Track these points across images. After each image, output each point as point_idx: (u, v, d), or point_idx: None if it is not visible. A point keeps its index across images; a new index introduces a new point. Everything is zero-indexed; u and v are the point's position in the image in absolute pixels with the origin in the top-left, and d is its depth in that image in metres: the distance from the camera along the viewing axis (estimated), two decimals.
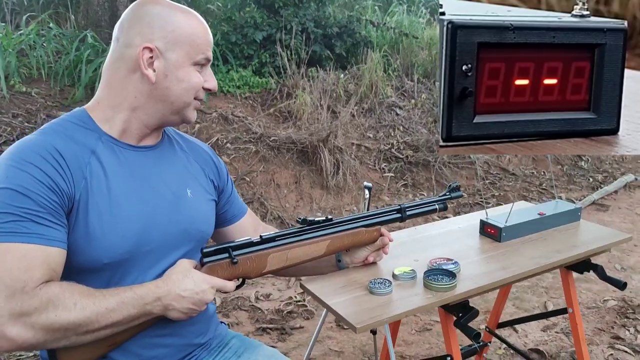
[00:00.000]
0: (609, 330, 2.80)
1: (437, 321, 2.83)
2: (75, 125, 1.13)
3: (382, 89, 5.34)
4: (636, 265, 3.53)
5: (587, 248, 1.72)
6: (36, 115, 3.95)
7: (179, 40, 1.13)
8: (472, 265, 1.58)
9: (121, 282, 1.12)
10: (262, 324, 2.76)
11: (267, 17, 5.35)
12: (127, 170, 1.15)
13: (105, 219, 1.08)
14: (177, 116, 1.19)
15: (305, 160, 4.33)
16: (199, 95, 1.19)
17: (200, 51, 1.15)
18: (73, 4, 5.39)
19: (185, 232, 1.23)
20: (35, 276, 0.98)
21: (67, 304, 1.00)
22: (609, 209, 4.56)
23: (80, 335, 1.03)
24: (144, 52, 1.11)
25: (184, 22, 1.14)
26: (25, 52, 4.44)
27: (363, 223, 1.44)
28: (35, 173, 1.01)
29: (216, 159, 1.41)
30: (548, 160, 5.27)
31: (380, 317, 1.29)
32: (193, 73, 1.16)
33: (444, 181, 4.71)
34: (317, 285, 1.43)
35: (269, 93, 4.97)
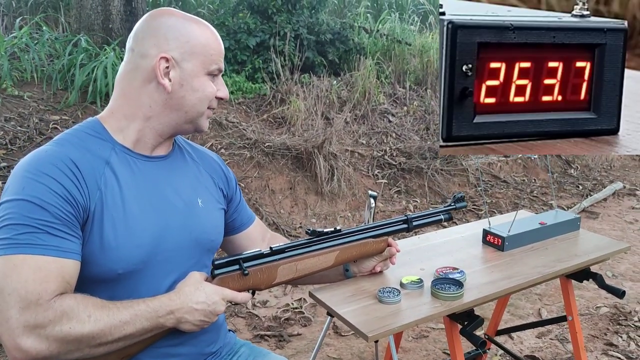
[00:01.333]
0: (602, 337, 2.84)
1: (433, 328, 2.85)
2: (90, 135, 1.14)
3: (375, 96, 5.37)
4: (627, 272, 3.59)
5: (587, 257, 1.74)
6: (29, 119, 3.92)
7: (194, 50, 1.14)
8: (477, 274, 1.60)
9: (135, 292, 1.13)
10: (259, 331, 2.76)
11: (261, 23, 5.36)
12: (140, 180, 1.16)
13: (119, 230, 1.09)
14: (190, 125, 1.21)
15: (300, 166, 4.33)
16: (212, 105, 1.21)
17: (213, 61, 1.17)
18: (64, 7, 5.36)
19: (197, 242, 1.24)
20: (50, 288, 0.99)
21: (81, 316, 1.00)
22: (598, 217, 4.62)
23: (93, 347, 1.03)
24: (161, 62, 1.12)
25: (198, 33, 1.15)
26: (17, 55, 4.40)
27: (371, 234, 1.45)
28: (51, 184, 1.02)
29: (225, 168, 1.43)
30: (538, 168, 5.33)
31: (391, 326, 1.30)
32: (207, 83, 1.18)
33: (437, 188, 4.74)
34: (327, 295, 1.44)
35: (263, 99, 4.98)
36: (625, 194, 5.24)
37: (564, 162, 5.75)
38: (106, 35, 4.82)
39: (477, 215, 4.50)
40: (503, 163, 5.29)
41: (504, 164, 5.29)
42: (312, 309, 3.02)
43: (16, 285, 0.96)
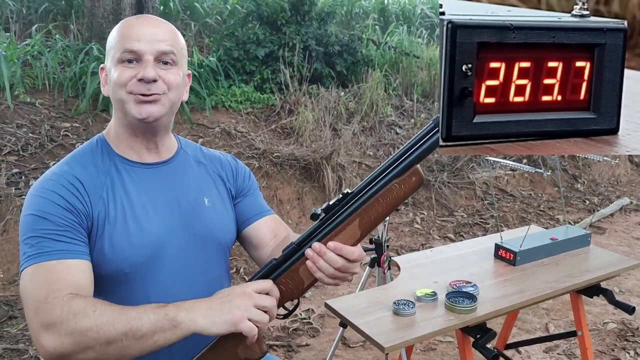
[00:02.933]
0: (610, 353, 2.83)
1: (441, 341, 2.85)
2: (93, 152, 1.23)
3: (383, 108, 5.40)
4: (634, 288, 3.58)
5: (598, 273, 1.76)
6: (40, 125, 3.95)
7: (109, 48, 1.19)
8: (489, 288, 1.61)
9: (145, 291, 1.17)
10: (268, 341, 2.77)
11: (270, 34, 5.40)
12: (140, 186, 1.21)
13: (123, 233, 1.15)
14: (128, 117, 1.18)
15: (308, 177, 4.35)
16: (131, 89, 1.15)
17: (120, 48, 1.15)
18: (74, 16, 5.41)
19: (204, 240, 1.26)
20: (58, 287, 1.04)
21: (87, 311, 1.02)
22: (605, 232, 4.62)
23: (104, 344, 1.01)
24: (102, 72, 1.22)
25: (116, 30, 1.18)
26: (30, 63, 4.45)
27: (392, 173, 1.06)
28: (53, 198, 1.11)
29: (235, 164, 1.42)
30: (545, 182, 5.33)
31: (407, 338, 1.31)
32: (118, 70, 1.15)
33: (444, 201, 4.75)
34: (342, 305, 1.45)
35: (271, 109, 5.01)
36: (632, 209, 5.24)
37: (571, 176, 5.75)
38: None
39: (484, 228, 4.50)
40: (510, 177, 5.30)
41: (511, 177, 5.30)
42: (320, 320, 3.03)
43: (31, 292, 1.04)
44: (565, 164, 5.81)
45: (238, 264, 3.55)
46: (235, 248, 3.63)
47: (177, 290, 1.20)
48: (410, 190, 1.07)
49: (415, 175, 1.05)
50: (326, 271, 1.06)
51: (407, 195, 1.08)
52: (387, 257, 2.07)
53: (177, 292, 1.19)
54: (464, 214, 4.71)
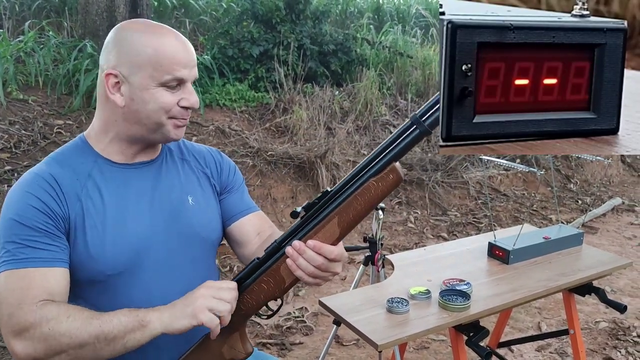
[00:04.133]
0: (601, 352, 2.85)
1: (434, 339, 2.86)
2: (74, 152, 1.21)
3: (377, 107, 5.41)
4: (625, 287, 3.61)
5: (591, 272, 1.77)
6: (33, 123, 3.93)
7: (142, 63, 1.12)
8: (482, 286, 1.62)
9: (128, 294, 1.17)
10: (261, 339, 2.77)
11: (264, 32, 5.40)
12: (122, 187, 1.20)
13: (102, 235, 1.15)
14: (157, 135, 1.19)
15: (302, 175, 4.36)
16: (174, 114, 1.17)
17: (165, 72, 1.13)
18: (67, 12, 5.38)
19: (187, 239, 1.26)
20: (32, 294, 1.06)
21: (60, 317, 1.05)
22: (597, 232, 4.65)
23: (76, 348, 1.04)
24: (109, 78, 1.14)
25: (149, 45, 1.13)
26: (22, 60, 4.42)
27: (370, 172, 1.05)
28: (30, 201, 1.11)
29: (220, 159, 1.41)
30: (538, 182, 5.36)
31: (401, 336, 1.32)
32: (160, 94, 1.14)
33: (437, 200, 4.77)
34: (336, 303, 1.46)
35: (266, 108, 5.01)
36: (624, 209, 5.27)
37: (564, 176, 5.78)
38: None
39: (477, 228, 4.52)
40: (503, 176, 5.32)
41: (504, 177, 5.32)
42: (313, 318, 3.03)
43: (5, 295, 1.06)
44: (559, 164, 5.84)
45: (232, 262, 3.54)
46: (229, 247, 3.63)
47: (163, 292, 1.19)
48: (388, 188, 1.05)
49: (393, 173, 1.04)
50: (306, 269, 1.06)
51: (385, 194, 1.06)
52: (381, 255, 2.07)
53: (163, 294, 1.18)
54: (458, 214, 4.72)
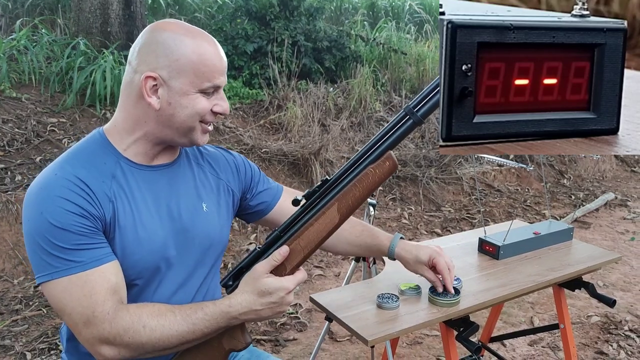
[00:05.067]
0: (593, 346, 2.88)
1: (427, 335, 2.88)
2: (95, 150, 1.17)
3: (371, 104, 5.42)
4: (617, 282, 3.63)
5: (580, 267, 1.78)
6: (26, 121, 3.93)
7: (183, 69, 1.12)
8: (472, 281, 1.63)
9: (153, 295, 1.19)
10: (255, 335, 2.78)
11: (258, 29, 5.40)
12: (145, 190, 1.19)
13: (131, 238, 1.14)
14: (185, 139, 1.20)
15: (296, 172, 4.37)
16: (206, 119, 1.18)
17: (206, 79, 1.14)
18: (60, 10, 5.37)
19: (201, 246, 1.27)
20: (100, 299, 1.07)
21: (136, 327, 1.07)
22: (590, 227, 4.68)
23: (159, 351, 1.11)
24: (147, 81, 1.12)
25: (190, 50, 1.12)
26: (16, 57, 4.41)
27: (368, 160, 1.14)
28: (65, 205, 1.07)
29: (230, 159, 1.42)
30: (531, 177, 5.38)
31: (390, 331, 1.33)
32: (198, 100, 1.15)
33: (431, 196, 4.78)
34: (327, 299, 1.47)
35: (260, 104, 5.01)
36: (617, 204, 5.30)
37: (557, 172, 5.81)
38: (104, 39, 4.84)
39: (471, 223, 4.54)
40: (497, 172, 5.34)
41: (498, 173, 5.34)
42: (307, 315, 3.05)
43: (73, 305, 1.06)
44: (552, 159, 5.86)
45: (226, 259, 3.55)
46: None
47: (179, 296, 1.22)
48: (384, 174, 1.13)
49: (389, 160, 1.12)
50: None
51: (382, 180, 1.14)
52: None
53: (179, 298, 1.21)
54: (451, 209, 4.74)
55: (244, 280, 1.15)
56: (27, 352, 2.53)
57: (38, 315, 2.82)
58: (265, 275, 1.13)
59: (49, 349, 2.57)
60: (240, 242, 3.73)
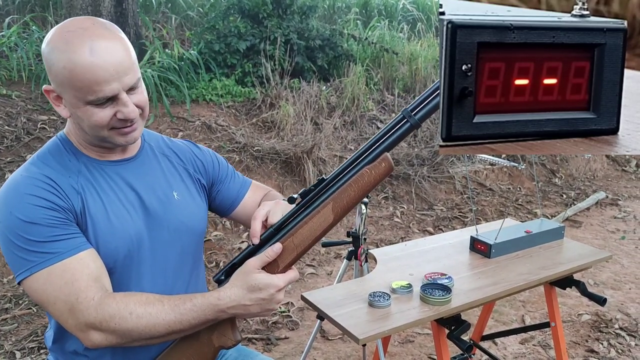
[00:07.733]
0: (584, 344, 2.89)
1: (419, 333, 2.88)
2: (58, 151, 1.19)
3: (364, 102, 5.42)
4: (608, 280, 3.65)
5: (571, 265, 1.79)
6: (16, 118, 3.90)
7: (62, 83, 1.09)
8: (464, 280, 1.63)
9: (130, 284, 1.19)
10: (247, 334, 2.77)
11: (251, 27, 5.38)
12: (113, 183, 1.20)
13: (104, 227, 1.15)
14: (107, 143, 1.19)
15: (289, 171, 4.36)
16: (114, 126, 1.14)
17: (87, 93, 1.08)
18: (51, 7, 5.33)
19: (177, 233, 1.28)
20: (82, 285, 1.07)
21: (123, 313, 1.08)
22: (581, 226, 4.70)
23: (146, 339, 1.11)
24: (48, 93, 1.14)
25: (62, 66, 1.06)
26: (5, 54, 4.38)
27: (364, 161, 1.15)
28: (35, 202, 1.09)
29: (199, 152, 1.42)
30: (523, 176, 5.40)
31: (381, 329, 1.33)
32: (90, 111, 1.10)
33: (424, 195, 4.79)
34: (318, 298, 1.46)
35: (252, 103, 4.99)
36: (608, 203, 5.33)
37: (549, 171, 5.83)
38: None
39: (463, 222, 4.55)
40: (489, 171, 5.35)
41: (490, 172, 5.36)
42: (299, 313, 3.04)
43: (56, 294, 1.07)
44: (544, 158, 5.89)
45: (218, 258, 3.54)
46: (216, 242, 3.63)
47: (158, 285, 1.22)
48: (380, 175, 1.14)
49: (385, 161, 1.13)
50: None
51: (377, 181, 1.14)
52: (364, 249, 2.08)
53: (158, 285, 1.22)
54: (444, 208, 4.75)
55: (235, 275, 1.14)
56: (17, 351, 2.51)
57: (28, 314, 2.80)
58: (256, 271, 1.12)
59: (38, 347, 2.55)
60: (232, 241, 3.72)
